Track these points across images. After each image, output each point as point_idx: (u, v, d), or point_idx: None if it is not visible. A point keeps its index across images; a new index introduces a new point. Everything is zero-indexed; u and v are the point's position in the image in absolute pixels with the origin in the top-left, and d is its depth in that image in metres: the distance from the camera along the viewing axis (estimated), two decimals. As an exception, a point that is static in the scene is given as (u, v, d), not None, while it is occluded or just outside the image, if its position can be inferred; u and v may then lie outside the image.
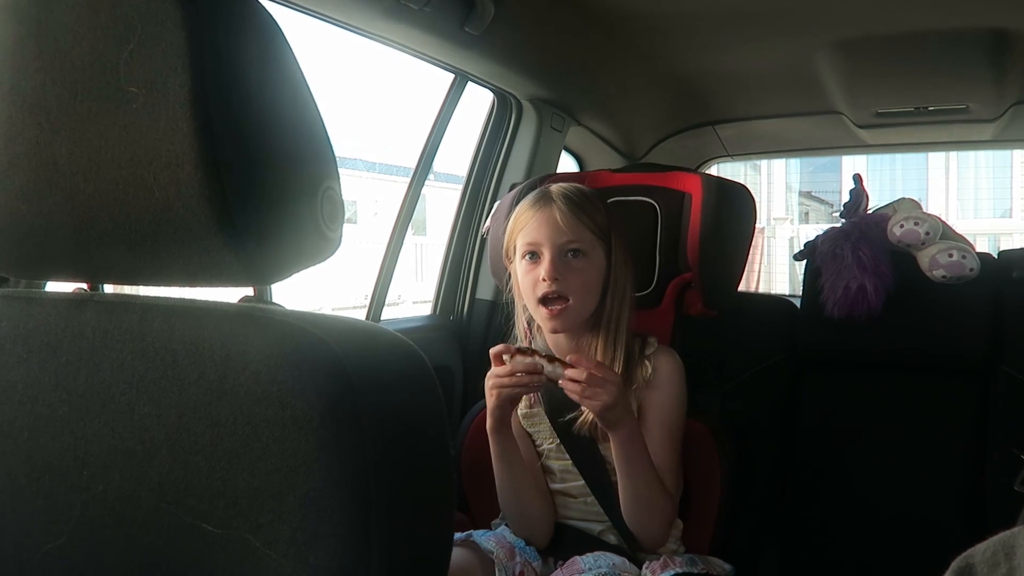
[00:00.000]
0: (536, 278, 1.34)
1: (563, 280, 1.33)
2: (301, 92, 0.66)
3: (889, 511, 1.66)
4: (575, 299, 1.34)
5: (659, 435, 1.38)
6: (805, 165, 12.93)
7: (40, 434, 0.65)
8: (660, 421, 1.39)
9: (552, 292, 1.33)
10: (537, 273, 1.34)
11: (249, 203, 0.61)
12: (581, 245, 1.34)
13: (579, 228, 1.34)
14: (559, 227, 1.33)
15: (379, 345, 0.65)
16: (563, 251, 1.34)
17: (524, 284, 1.38)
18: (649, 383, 1.40)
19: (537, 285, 1.34)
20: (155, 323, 0.64)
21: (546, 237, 1.34)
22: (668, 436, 1.39)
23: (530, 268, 1.36)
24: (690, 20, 1.81)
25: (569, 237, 1.34)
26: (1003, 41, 1.82)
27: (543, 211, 1.35)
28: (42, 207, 0.65)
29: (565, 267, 1.34)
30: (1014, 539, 0.51)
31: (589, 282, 1.36)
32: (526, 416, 1.46)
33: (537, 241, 1.35)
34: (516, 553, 1.36)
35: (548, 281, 1.33)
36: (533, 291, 1.35)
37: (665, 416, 1.40)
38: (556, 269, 1.33)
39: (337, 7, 1.44)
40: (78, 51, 0.62)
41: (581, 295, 1.35)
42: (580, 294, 1.35)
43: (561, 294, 1.33)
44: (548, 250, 1.34)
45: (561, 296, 1.33)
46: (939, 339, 1.68)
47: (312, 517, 0.56)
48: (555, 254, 1.33)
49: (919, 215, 1.68)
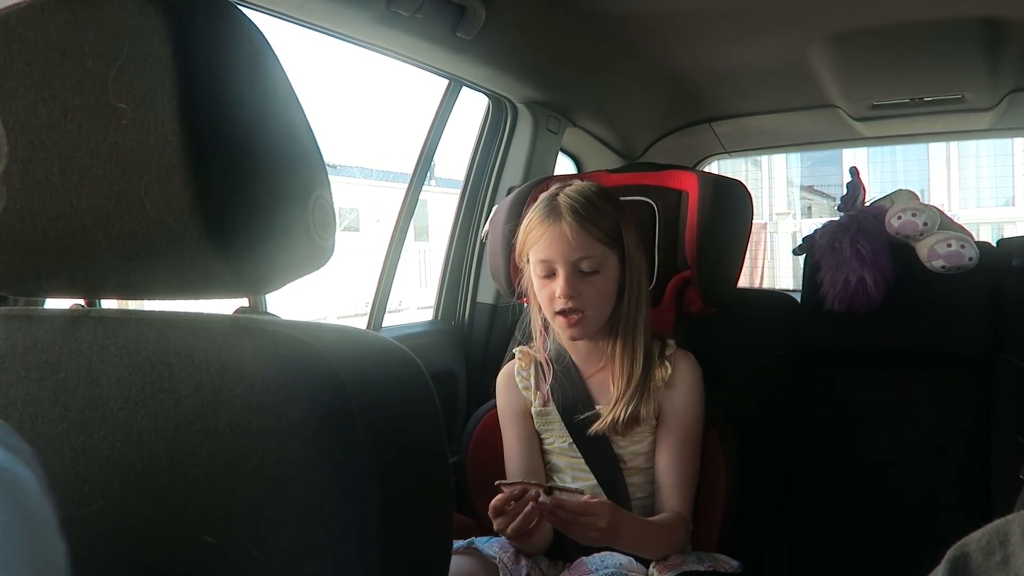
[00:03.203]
0: (552, 293, 1.37)
1: (578, 296, 1.35)
2: (289, 103, 0.66)
3: (894, 502, 1.65)
4: (591, 310, 1.37)
5: (679, 440, 1.41)
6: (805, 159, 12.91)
7: (40, 451, 0.65)
8: (680, 424, 1.41)
9: (568, 308, 1.36)
10: (553, 289, 1.36)
11: (240, 214, 0.61)
12: (594, 259, 1.36)
13: (590, 243, 1.35)
14: (570, 244, 1.34)
15: (373, 352, 0.65)
16: (576, 267, 1.36)
17: (541, 296, 1.40)
18: (668, 383, 1.41)
19: (554, 300, 1.37)
20: (151, 337, 0.64)
21: (559, 255, 1.35)
22: (689, 440, 1.41)
23: (545, 283, 1.38)
24: (682, 18, 1.81)
25: (581, 254, 1.35)
26: (996, 29, 1.82)
27: (554, 227, 1.35)
28: (36, 225, 0.65)
29: (580, 282, 1.35)
30: (1008, 526, 0.51)
31: (604, 292, 1.38)
32: (540, 414, 1.47)
33: (550, 259, 1.36)
34: (522, 557, 1.36)
35: (564, 299, 1.35)
36: (550, 304, 1.38)
37: (685, 418, 1.42)
38: (571, 287, 1.35)
39: (328, 16, 1.44)
40: (67, 69, 0.62)
41: (597, 305, 1.37)
42: (596, 304, 1.37)
43: (578, 308, 1.35)
44: (562, 267, 1.35)
45: (577, 309, 1.36)
46: (940, 329, 1.67)
47: (310, 525, 0.56)
48: (569, 271, 1.35)
49: (917, 206, 1.68)
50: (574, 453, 1.44)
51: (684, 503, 1.40)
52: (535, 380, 1.48)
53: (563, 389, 1.44)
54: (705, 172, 1.67)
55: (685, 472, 1.41)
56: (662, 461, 1.41)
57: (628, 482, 1.42)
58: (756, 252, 9.40)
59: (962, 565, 0.51)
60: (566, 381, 1.45)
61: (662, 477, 1.41)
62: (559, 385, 1.45)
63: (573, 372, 1.45)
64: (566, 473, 1.45)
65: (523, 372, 1.50)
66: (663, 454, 1.41)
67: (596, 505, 1.24)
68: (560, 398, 1.45)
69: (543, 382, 1.47)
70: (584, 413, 1.42)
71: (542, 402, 1.47)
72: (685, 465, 1.41)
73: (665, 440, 1.41)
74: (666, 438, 1.41)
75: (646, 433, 1.42)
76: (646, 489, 1.43)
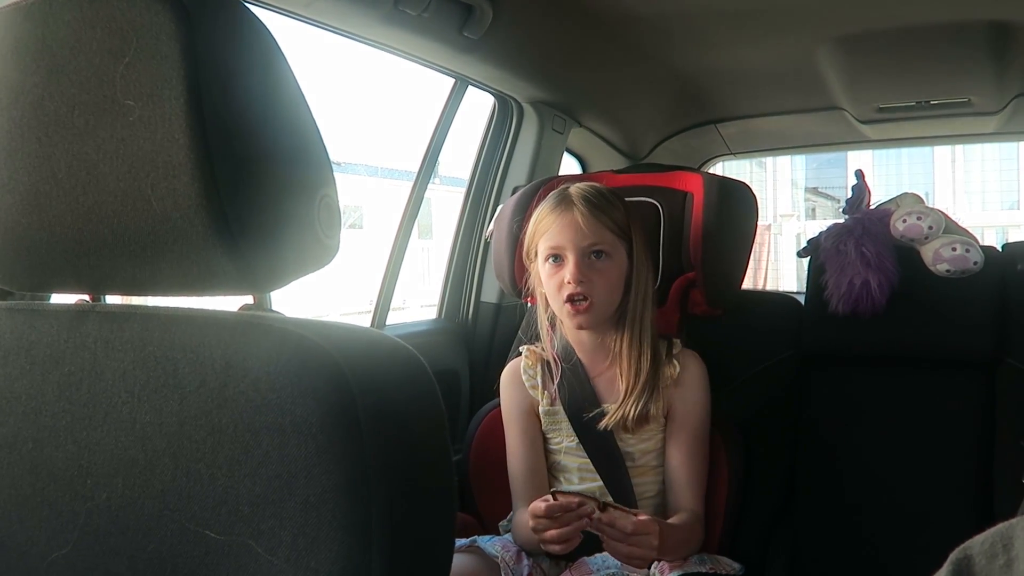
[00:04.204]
0: (561, 280, 1.38)
1: (587, 281, 1.37)
2: (296, 100, 0.67)
3: (897, 506, 1.65)
4: (599, 298, 1.38)
5: (691, 437, 1.42)
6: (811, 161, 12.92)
7: (44, 444, 0.66)
8: (691, 421, 1.43)
9: (578, 294, 1.37)
10: (562, 275, 1.38)
11: (246, 212, 0.61)
12: (604, 246, 1.38)
13: (601, 230, 1.37)
14: (581, 230, 1.37)
15: (378, 350, 0.65)
16: (586, 253, 1.38)
17: (549, 286, 1.41)
18: (677, 381, 1.43)
19: (563, 287, 1.38)
20: (156, 332, 0.65)
21: (569, 240, 1.37)
22: (699, 438, 1.43)
23: (555, 271, 1.40)
24: (689, 19, 1.81)
25: (592, 240, 1.37)
26: (1003, 33, 1.82)
27: (565, 215, 1.38)
28: (43, 220, 0.65)
29: (589, 268, 1.37)
30: (1012, 530, 0.51)
31: (613, 281, 1.39)
32: (548, 413, 1.48)
33: (560, 245, 1.38)
34: (523, 556, 1.36)
35: (573, 284, 1.36)
36: (559, 293, 1.39)
37: (695, 416, 1.43)
38: (581, 272, 1.36)
39: (335, 15, 1.45)
40: (75, 65, 0.62)
41: (605, 293, 1.39)
42: (604, 293, 1.39)
43: (586, 295, 1.37)
44: (572, 253, 1.37)
45: (586, 296, 1.37)
46: (944, 333, 1.67)
47: (313, 522, 0.56)
48: (579, 256, 1.37)
49: (922, 209, 1.68)
50: (581, 453, 1.44)
51: (697, 501, 1.41)
52: (542, 379, 1.48)
53: (570, 388, 1.45)
54: (710, 174, 1.67)
55: (697, 469, 1.42)
56: (674, 459, 1.42)
57: (636, 482, 1.42)
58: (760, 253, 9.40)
59: (965, 569, 0.51)
60: (573, 380, 1.45)
61: (675, 475, 1.41)
62: (566, 384, 1.46)
63: (580, 371, 1.46)
64: (573, 474, 1.45)
65: (530, 371, 1.50)
66: (675, 452, 1.42)
67: (647, 524, 1.22)
68: (567, 397, 1.45)
69: (550, 382, 1.47)
70: (591, 412, 1.42)
71: (549, 401, 1.47)
72: (697, 463, 1.42)
73: (676, 438, 1.42)
74: (677, 436, 1.42)
75: (655, 431, 1.43)
76: (655, 488, 1.44)
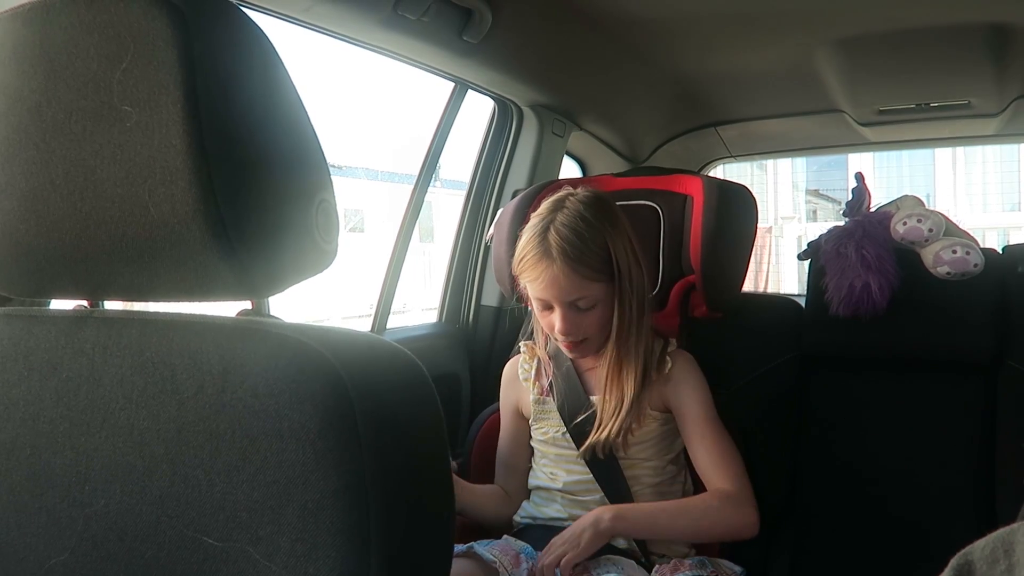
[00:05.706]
0: (551, 324, 1.40)
1: (577, 329, 1.39)
2: (293, 106, 0.66)
3: (899, 509, 1.65)
4: (592, 334, 1.41)
5: (701, 425, 1.42)
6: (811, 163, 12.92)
7: (42, 450, 0.66)
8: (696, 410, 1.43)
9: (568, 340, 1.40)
10: (551, 320, 1.40)
11: (244, 217, 0.61)
12: (588, 298, 1.38)
13: (583, 284, 1.36)
14: (564, 288, 1.36)
15: (376, 356, 0.65)
16: (573, 305, 1.38)
17: (542, 322, 1.44)
18: (669, 377, 1.44)
19: (554, 329, 1.41)
20: (154, 338, 0.65)
21: (554, 297, 1.38)
22: (709, 422, 1.42)
23: (545, 313, 1.42)
24: (689, 22, 1.81)
25: (576, 296, 1.37)
26: (1002, 36, 1.82)
27: (547, 271, 1.36)
28: (41, 226, 0.65)
29: (577, 316, 1.39)
30: (1013, 535, 0.51)
31: (604, 320, 1.40)
32: (537, 402, 1.51)
33: (546, 299, 1.39)
34: (522, 560, 1.36)
35: (563, 335, 1.39)
36: (552, 331, 1.42)
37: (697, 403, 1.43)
38: (569, 324, 1.38)
39: (334, 19, 1.44)
40: (73, 70, 0.62)
41: (597, 331, 1.41)
42: (596, 330, 1.41)
43: (578, 338, 1.40)
44: (558, 307, 1.38)
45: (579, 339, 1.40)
46: (945, 336, 1.67)
47: (311, 528, 0.56)
48: (565, 310, 1.38)
49: (922, 212, 1.68)
50: (567, 443, 1.46)
51: (727, 478, 1.39)
52: (535, 373, 1.53)
53: (561, 382, 1.48)
54: (710, 177, 1.67)
55: (718, 450, 1.41)
56: (696, 453, 1.42)
57: (630, 474, 1.42)
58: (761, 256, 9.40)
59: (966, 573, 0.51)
60: (565, 375, 1.48)
61: (701, 465, 1.41)
62: (559, 378, 1.48)
63: (571, 367, 1.49)
64: (558, 467, 1.46)
65: (526, 365, 1.55)
66: (692, 445, 1.42)
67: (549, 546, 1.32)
68: (557, 390, 1.48)
69: (543, 375, 1.51)
70: (580, 404, 1.45)
71: (540, 392, 1.51)
72: (715, 444, 1.41)
73: (685, 431, 1.43)
74: (685, 429, 1.43)
75: (646, 423, 1.43)
76: (651, 478, 1.43)
